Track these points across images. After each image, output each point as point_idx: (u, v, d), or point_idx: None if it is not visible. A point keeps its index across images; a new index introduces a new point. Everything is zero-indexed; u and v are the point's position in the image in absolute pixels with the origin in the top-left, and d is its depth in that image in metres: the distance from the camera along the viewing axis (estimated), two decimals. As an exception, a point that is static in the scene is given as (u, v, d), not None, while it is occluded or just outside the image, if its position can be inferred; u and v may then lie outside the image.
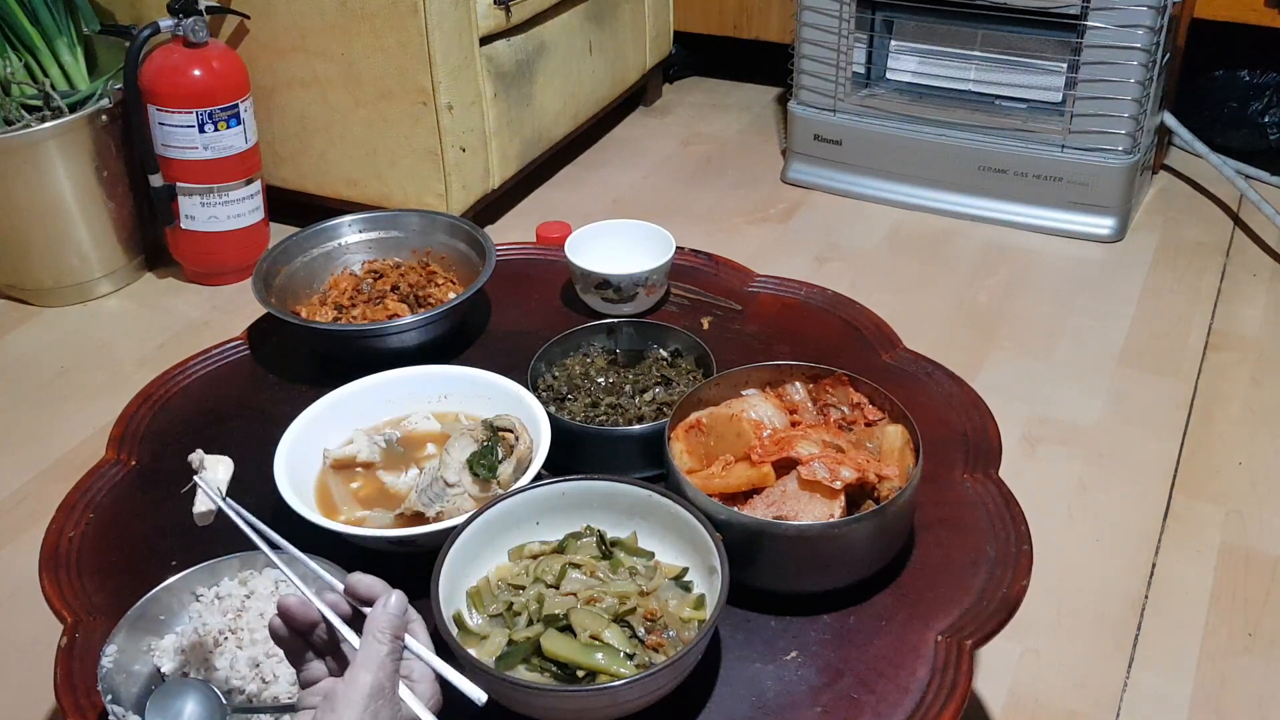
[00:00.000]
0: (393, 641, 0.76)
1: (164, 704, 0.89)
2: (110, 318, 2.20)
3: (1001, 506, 1.11)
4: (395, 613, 0.78)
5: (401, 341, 1.30)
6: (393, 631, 0.77)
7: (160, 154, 2.12)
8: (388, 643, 0.76)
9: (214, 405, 1.30)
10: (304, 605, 0.81)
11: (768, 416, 1.08)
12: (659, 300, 1.42)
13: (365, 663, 0.75)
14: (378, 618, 0.78)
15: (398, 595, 0.79)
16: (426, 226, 1.47)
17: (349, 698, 0.73)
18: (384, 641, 0.76)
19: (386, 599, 0.79)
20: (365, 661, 0.75)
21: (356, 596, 0.82)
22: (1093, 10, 2.15)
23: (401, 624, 0.78)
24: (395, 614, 0.78)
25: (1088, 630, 1.48)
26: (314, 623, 0.81)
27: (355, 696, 0.73)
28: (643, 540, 1.01)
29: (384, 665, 0.75)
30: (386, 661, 0.75)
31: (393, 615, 0.78)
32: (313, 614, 0.81)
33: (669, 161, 2.71)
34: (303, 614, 0.81)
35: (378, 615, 0.78)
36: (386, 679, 0.75)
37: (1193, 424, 1.83)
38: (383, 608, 0.78)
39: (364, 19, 2.09)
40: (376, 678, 0.74)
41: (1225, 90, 2.56)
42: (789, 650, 0.97)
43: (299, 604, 0.81)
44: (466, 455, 1.07)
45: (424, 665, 0.78)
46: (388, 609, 0.78)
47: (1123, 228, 2.33)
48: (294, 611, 0.81)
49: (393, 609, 0.78)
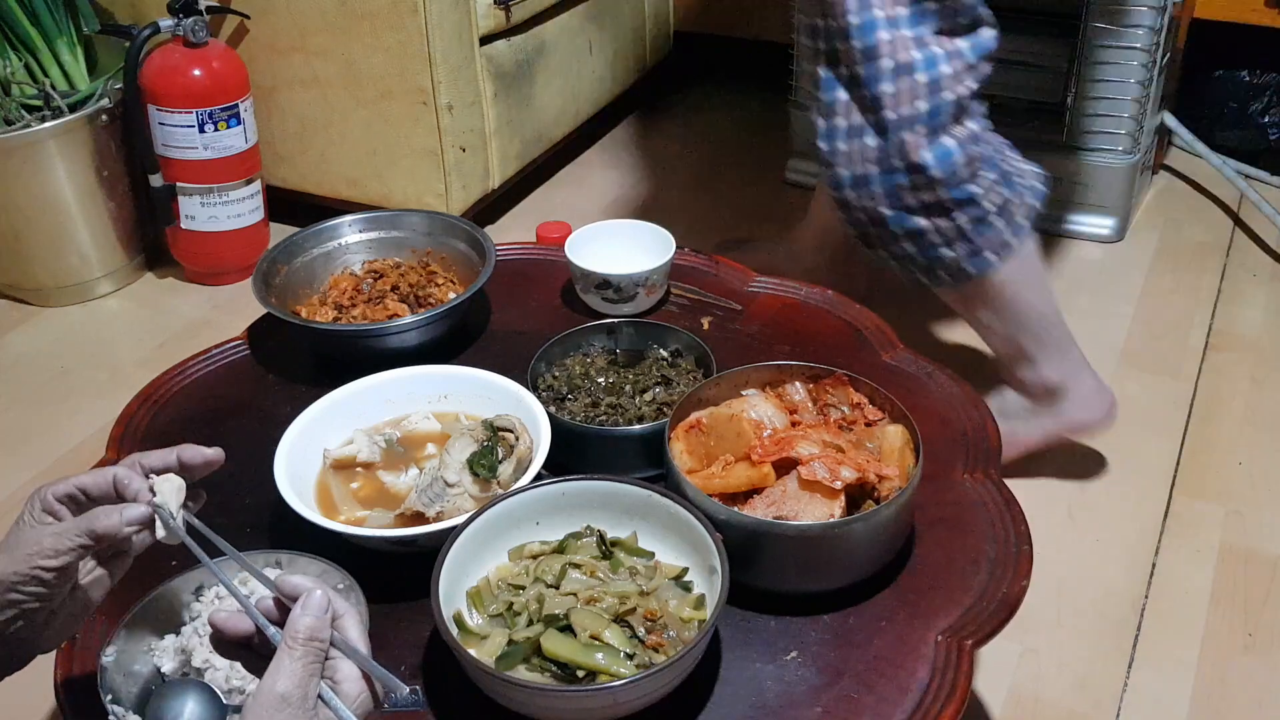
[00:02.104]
0: (306, 645, 0.73)
1: (164, 704, 0.89)
2: (110, 318, 2.20)
3: (1001, 506, 1.11)
4: (315, 614, 0.74)
5: (401, 341, 1.30)
6: (307, 634, 0.73)
7: (160, 154, 2.12)
8: (299, 647, 0.73)
9: (214, 405, 1.30)
10: (234, 617, 0.79)
11: (768, 416, 1.08)
12: (659, 300, 1.42)
13: (272, 670, 0.72)
14: (293, 621, 0.74)
15: (320, 594, 0.75)
16: (426, 226, 1.47)
17: (254, 710, 0.71)
18: (294, 647, 0.73)
19: (305, 599, 0.75)
20: (272, 669, 0.72)
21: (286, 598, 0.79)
22: (1093, 10, 2.15)
23: (320, 624, 0.74)
24: (315, 615, 0.74)
25: (1088, 630, 1.48)
26: (249, 633, 0.79)
27: (259, 709, 0.70)
28: (643, 540, 1.01)
29: (291, 673, 0.72)
30: (295, 668, 0.72)
31: (312, 617, 0.74)
32: (245, 625, 0.79)
33: (669, 161, 2.71)
34: (232, 626, 0.79)
35: (293, 619, 0.74)
36: (295, 687, 0.71)
37: (1193, 424, 1.83)
38: (300, 610, 0.74)
39: (364, 19, 2.08)
40: (283, 686, 0.71)
41: (1225, 90, 2.56)
42: (789, 650, 0.97)
43: (228, 617, 0.79)
44: (466, 455, 1.07)
45: (351, 665, 0.75)
46: (305, 611, 0.74)
47: (1123, 228, 2.33)
48: (223, 625, 0.79)
49: (312, 610, 0.74)
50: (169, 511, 0.87)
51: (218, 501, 1.15)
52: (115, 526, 0.81)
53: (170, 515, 0.86)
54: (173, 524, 0.86)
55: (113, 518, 0.81)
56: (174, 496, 0.88)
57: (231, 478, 1.17)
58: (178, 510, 0.87)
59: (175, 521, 0.85)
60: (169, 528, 0.87)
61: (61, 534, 0.81)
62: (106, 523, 0.81)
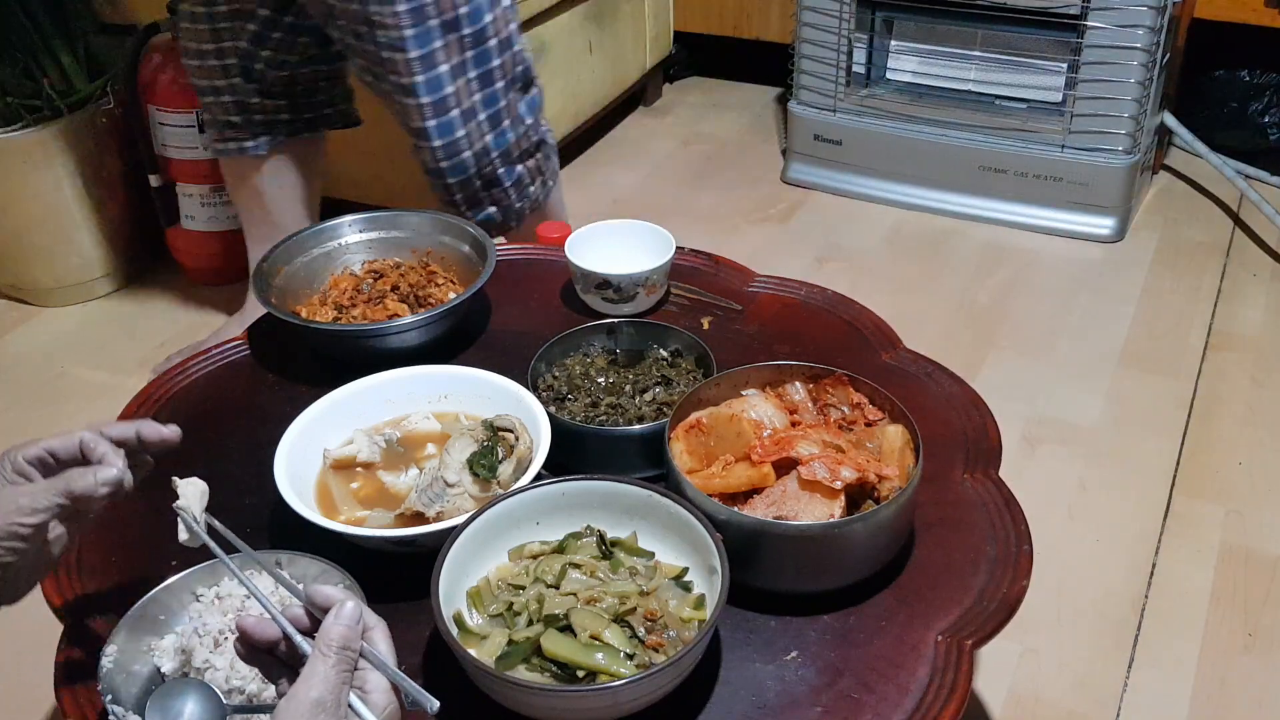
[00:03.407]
0: (339, 653, 0.75)
1: (164, 704, 0.89)
2: (110, 318, 2.20)
3: (1001, 506, 1.11)
4: (348, 623, 0.77)
5: (401, 341, 1.30)
6: (340, 643, 0.76)
7: (160, 154, 2.12)
8: (333, 655, 0.75)
9: (214, 405, 1.30)
10: (262, 623, 0.81)
11: (768, 416, 1.08)
12: (659, 300, 1.42)
13: (306, 676, 0.74)
14: (326, 629, 0.77)
15: (352, 605, 0.78)
16: (426, 226, 1.47)
17: (288, 712, 0.73)
18: (328, 654, 0.75)
19: (339, 609, 0.77)
20: (306, 675, 0.75)
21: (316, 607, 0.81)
22: (1093, 10, 2.15)
23: (353, 634, 0.77)
24: (347, 624, 0.77)
25: (1088, 630, 1.48)
26: (275, 639, 0.81)
27: (294, 712, 0.73)
28: (643, 540, 1.01)
29: (326, 679, 0.74)
30: (330, 674, 0.74)
31: (345, 626, 0.77)
32: (272, 631, 0.81)
33: (669, 161, 2.71)
34: (261, 632, 0.81)
35: (326, 627, 0.77)
36: (329, 693, 0.74)
37: (1193, 424, 1.83)
38: (334, 619, 0.77)
39: (364, 19, 2.08)
40: (318, 692, 0.73)
41: (1225, 90, 2.56)
42: (789, 650, 0.97)
43: (256, 623, 0.81)
44: (466, 455, 1.07)
45: (379, 676, 0.77)
46: (339, 620, 0.77)
47: (1123, 228, 2.33)
48: (252, 630, 0.81)
49: (344, 619, 0.77)
50: (192, 514, 0.89)
51: (218, 501, 1.15)
52: (91, 487, 0.86)
53: (193, 518, 0.89)
54: (196, 527, 0.88)
55: (87, 478, 0.87)
56: (197, 500, 0.91)
57: (231, 478, 1.17)
58: (201, 513, 0.89)
59: (198, 525, 0.88)
60: (192, 530, 0.89)
61: (37, 493, 0.86)
62: (82, 483, 0.86)
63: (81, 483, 0.86)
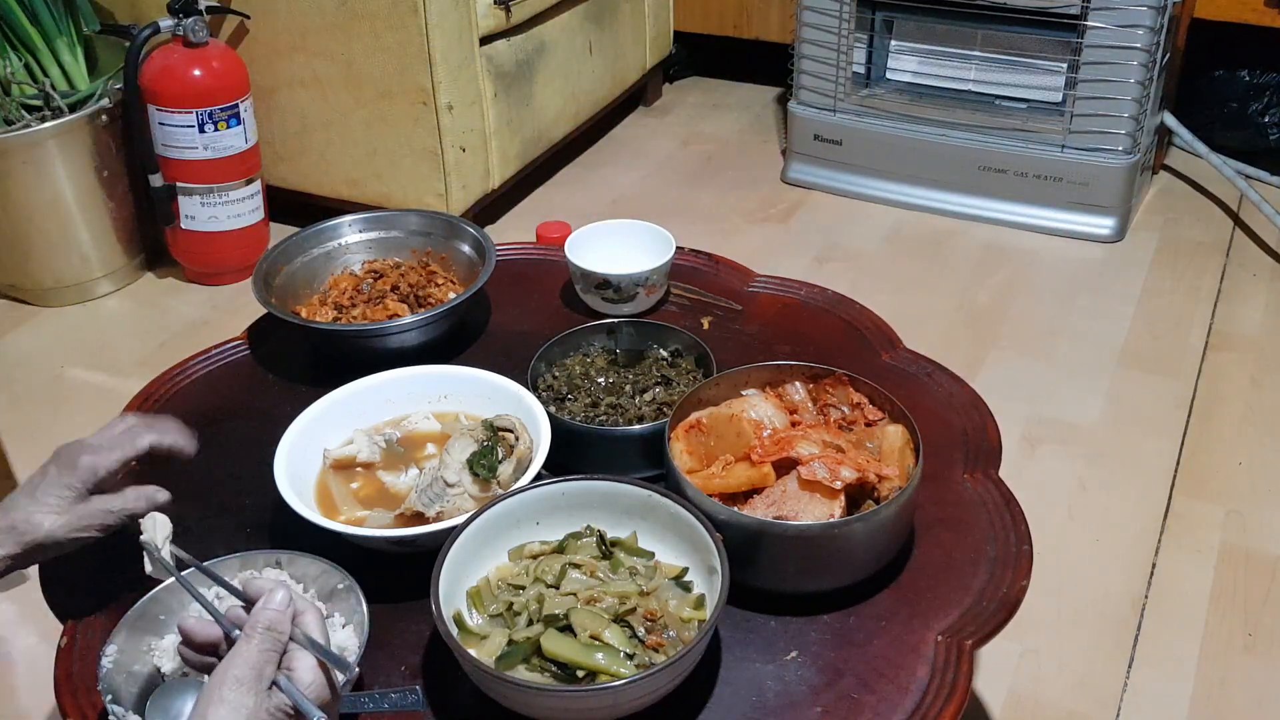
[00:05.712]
0: (263, 634, 0.78)
1: (164, 704, 0.89)
2: (110, 318, 2.20)
3: (1001, 506, 1.11)
4: (275, 608, 0.80)
5: (401, 341, 1.30)
6: (265, 624, 0.79)
7: (160, 154, 2.12)
8: (256, 636, 0.78)
9: (214, 405, 1.30)
10: (203, 624, 0.84)
11: (768, 416, 1.08)
12: (659, 300, 1.42)
13: (230, 655, 0.78)
14: (254, 614, 0.80)
15: (282, 592, 0.81)
16: (426, 226, 1.47)
17: (208, 690, 0.76)
18: (252, 635, 0.78)
19: (268, 597, 0.81)
20: (230, 654, 0.78)
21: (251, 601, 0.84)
22: (1093, 10, 2.15)
23: (279, 618, 0.80)
24: (274, 609, 0.80)
25: (1088, 630, 1.48)
26: (217, 640, 0.84)
27: (213, 688, 0.76)
28: (643, 540, 1.01)
29: (247, 657, 0.77)
30: (252, 653, 0.77)
31: (271, 610, 0.80)
32: (214, 632, 0.84)
33: (669, 161, 2.71)
34: (202, 633, 0.84)
35: (254, 611, 0.80)
36: (249, 669, 0.77)
37: (1193, 424, 1.83)
38: (262, 605, 0.80)
39: (364, 19, 2.09)
40: (239, 669, 0.77)
41: (1225, 90, 2.56)
42: (789, 650, 0.97)
43: (197, 623, 0.84)
44: (466, 455, 1.07)
45: (308, 656, 0.80)
46: (266, 605, 0.80)
47: (1123, 228, 2.33)
48: (193, 631, 0.84)
49: (272, 605, 0.80)
50: (155, 546, 0.93)
51: (218, 501, 1.16)
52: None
53: (156, 548, 0.93)
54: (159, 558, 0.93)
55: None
56: (160, 533, 0.95)
57: (231, 478, 1.17)
58: (165, 546, 0.94)
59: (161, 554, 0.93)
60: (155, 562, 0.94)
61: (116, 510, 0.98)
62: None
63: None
